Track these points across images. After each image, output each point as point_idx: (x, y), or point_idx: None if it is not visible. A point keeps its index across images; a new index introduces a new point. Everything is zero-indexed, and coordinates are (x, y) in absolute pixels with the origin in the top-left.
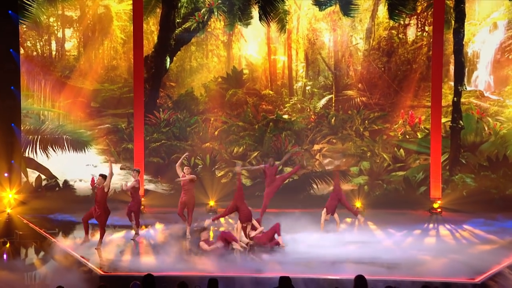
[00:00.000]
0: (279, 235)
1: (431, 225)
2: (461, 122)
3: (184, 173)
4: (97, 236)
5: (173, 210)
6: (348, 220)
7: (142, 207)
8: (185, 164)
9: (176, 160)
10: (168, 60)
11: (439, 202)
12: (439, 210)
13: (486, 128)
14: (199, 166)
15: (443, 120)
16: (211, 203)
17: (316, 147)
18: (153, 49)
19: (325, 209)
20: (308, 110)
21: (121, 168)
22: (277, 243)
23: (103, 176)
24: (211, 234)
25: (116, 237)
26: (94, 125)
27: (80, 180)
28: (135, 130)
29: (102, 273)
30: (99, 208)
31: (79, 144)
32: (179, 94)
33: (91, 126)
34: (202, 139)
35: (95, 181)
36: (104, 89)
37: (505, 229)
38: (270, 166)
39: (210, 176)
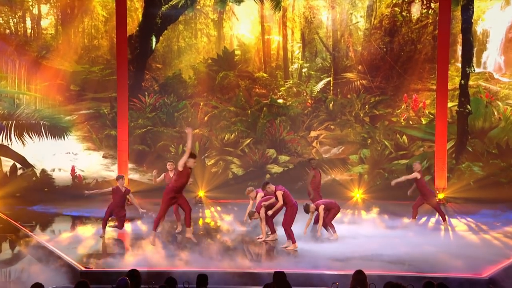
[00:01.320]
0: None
1: (435, 217)
2: (468, 106)
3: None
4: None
5: (160, 201)
6: (349, 211)
7: (128, 199)
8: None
9: (163, 148)
10: (154, 40)
11: (444, 192)
12: (444, 200)
13: (495, 113)
14: None
15: (449, 104)
16: (201, 193)
17: (313, 133)
18: (137, 28)
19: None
20: (305, 94)
21: (103, 156)
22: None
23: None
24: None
25: (98, 231)
26: (74, 110)
27: (59, 169)
28: (119, 115)
29: (83, 268)
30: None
31: (57, 130)
32: (166, 77)
33: (71, 111)
34: (190, 125)
35: (76, 170)
36: (84, 71)
37: None
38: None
39: (199, 165)
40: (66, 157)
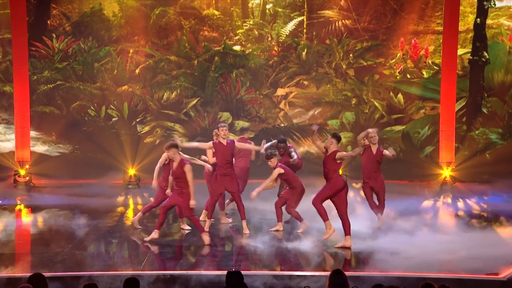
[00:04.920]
0: None
1: (439, 201)
2: (485, 54)
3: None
4: None
5: (76, 182)
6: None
7: (27, 178)
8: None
9: (79, 109)
10: None
11: (451, 167)
12: (450, 179)
13: None
14: (114, 119)
15: (460, 51)
16: (132, 171)
17: (280, 91)
18: None
19: None
20: (269, 38)
21: None
22: None
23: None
24: None
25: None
26: None
27: None
28: (15, 65)
29: None
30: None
31: None
32: (82, 13)
33: None
34: (116, 80)
35: None
36: None
37: None
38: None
39: (129, 133)
40: None
